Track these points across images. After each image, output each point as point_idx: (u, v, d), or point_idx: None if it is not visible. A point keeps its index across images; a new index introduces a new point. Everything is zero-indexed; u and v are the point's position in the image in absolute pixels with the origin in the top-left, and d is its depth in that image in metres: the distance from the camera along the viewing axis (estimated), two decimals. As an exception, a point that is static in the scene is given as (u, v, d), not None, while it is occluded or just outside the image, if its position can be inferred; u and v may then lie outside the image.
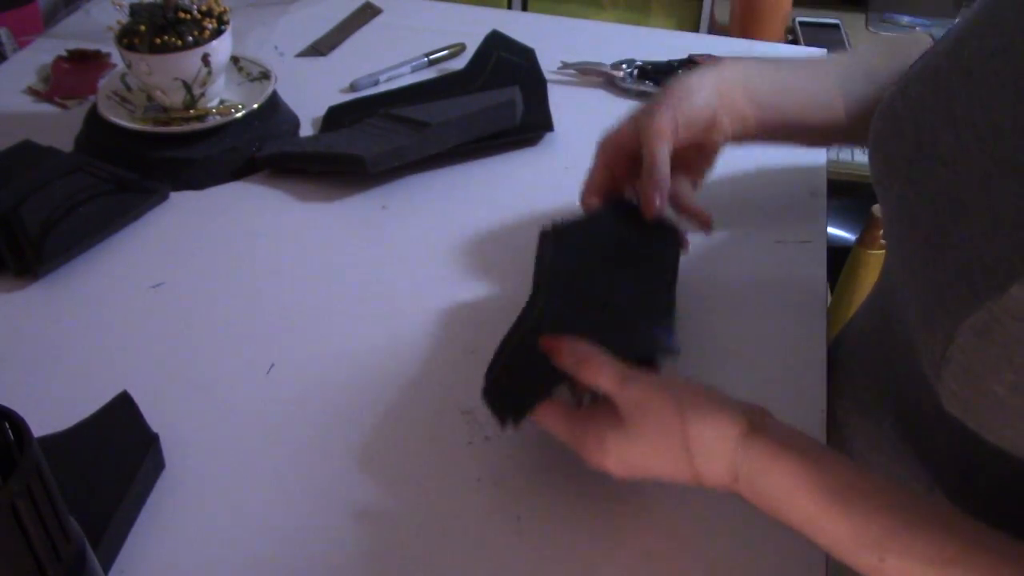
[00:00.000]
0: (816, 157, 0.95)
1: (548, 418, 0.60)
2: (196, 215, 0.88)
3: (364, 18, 1.20)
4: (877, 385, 0.69)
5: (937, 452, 0.62)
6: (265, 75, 0.98)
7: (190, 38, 0.87)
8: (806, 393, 0.70)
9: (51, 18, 1.22)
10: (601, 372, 0.58)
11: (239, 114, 0.92)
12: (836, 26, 1.93)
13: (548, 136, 0.97)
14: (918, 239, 0.59)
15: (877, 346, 0.70)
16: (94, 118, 0.94)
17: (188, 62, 0.88)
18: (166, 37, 0.87)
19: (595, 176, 0.75)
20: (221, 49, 0.90)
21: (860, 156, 1.71)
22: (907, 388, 0.64)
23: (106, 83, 0.97)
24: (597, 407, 0.59)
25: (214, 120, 0.91)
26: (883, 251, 1.07)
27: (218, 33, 0.89)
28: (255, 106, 0.94)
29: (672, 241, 0.73)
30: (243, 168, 0.92)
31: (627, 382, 0.57)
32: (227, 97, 0.96)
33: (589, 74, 1.07)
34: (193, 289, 0.80)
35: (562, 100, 1.01)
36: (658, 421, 0.56)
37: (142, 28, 0.87)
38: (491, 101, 0.95)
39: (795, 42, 1.88)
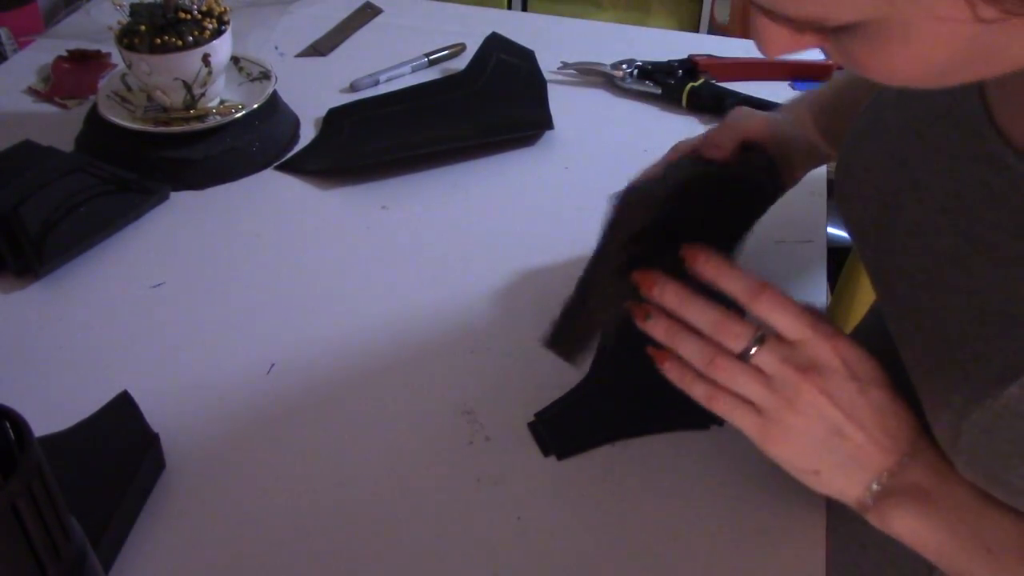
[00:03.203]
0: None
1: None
2: (196, 215, 0.88)
3: (364, 18, 1.20)
4: None
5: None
6: (265, 75, 0.98)
7: (190, 38, 0.87)
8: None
9: (51, 18, 1.23)
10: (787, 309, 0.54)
11: (239, 114, 0.92)
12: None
13: (548, 136, 0.97)
14: (900, 314, 0.55)
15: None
16: (94, 118, 0.94)
17: (188, 62, 0.88)
18: (166, 37, 0.87)
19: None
20: (221, 49, 0.90)
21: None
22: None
23: (106, 83, 0.97)
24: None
25: (214, 120, 0.91)
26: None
27: (218, 33, 0.89)
28: (255, 106, 0.94)
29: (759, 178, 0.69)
30: (244, 168, 0.92)
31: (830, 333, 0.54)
32: (227, 97, 0.96)
33: (589, 74, 1.07)
34: (193, 289, 0.80)
35: (562, 100, 1.01)
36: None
37: (142, 28, 0.87)
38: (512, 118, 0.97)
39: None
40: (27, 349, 0.74)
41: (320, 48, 1.13)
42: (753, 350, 0.54)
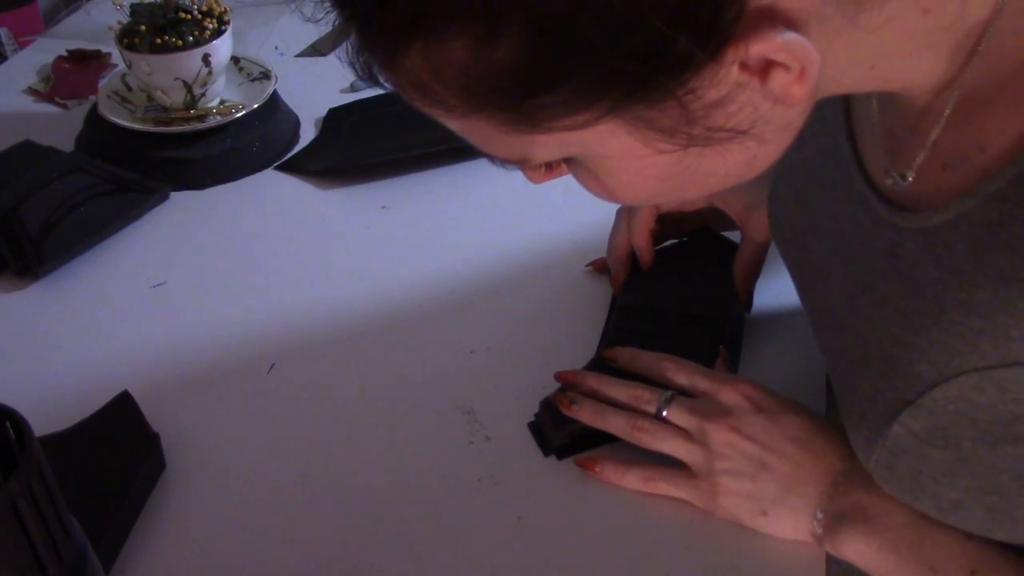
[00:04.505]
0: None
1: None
2: (196, 215, 0.88)
3: (364, 18, 1.19)
4: None
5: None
6: (265, 75, 0.98)
7: (190, 38, 0.88)
8: (806, 395, 0.70)
9: (51, 18, 1.23)
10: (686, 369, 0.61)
11: (239, 114, 0.92)
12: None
13: (548, 136, 0.97)
14: (823, 353, 0.57)
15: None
16: (94, 118, 0.94)
17: (188, 62, 0.88)
18: (166, 37, 0.87)
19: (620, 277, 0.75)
20: (221, 49, 0.90)
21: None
22: None
23: (106, 83, 0.97)
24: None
25: (214, 120, 0.92)
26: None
27: (218, 33, 0.89)
28: (255, 106, 0.94)
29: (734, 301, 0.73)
30: (244, 168, 0.92)
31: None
32: (227, 97, 0.96)
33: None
34: (193, 289, 0.80)
35: (562, 100, 1.00)
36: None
37: (142, 28, 0.88)
38: None
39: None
40: (27, 349, 0.74)
41: (320, 48, 1.13)
42: (665, 412, 0.60)
